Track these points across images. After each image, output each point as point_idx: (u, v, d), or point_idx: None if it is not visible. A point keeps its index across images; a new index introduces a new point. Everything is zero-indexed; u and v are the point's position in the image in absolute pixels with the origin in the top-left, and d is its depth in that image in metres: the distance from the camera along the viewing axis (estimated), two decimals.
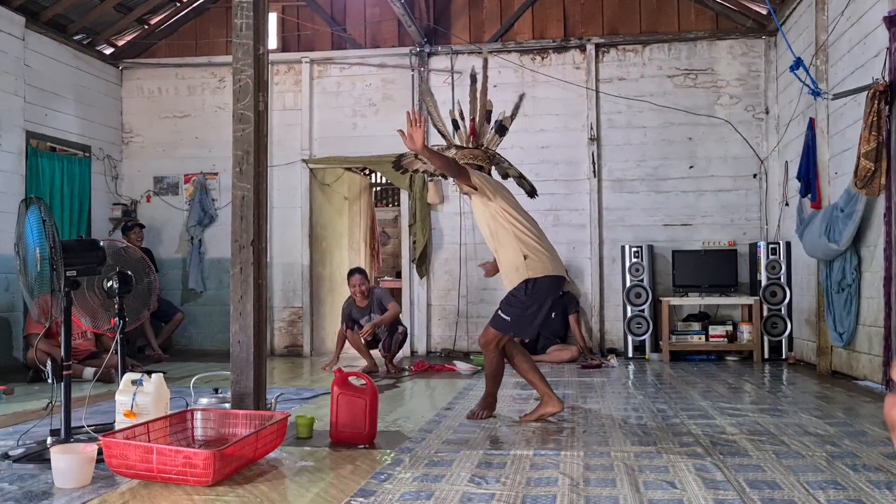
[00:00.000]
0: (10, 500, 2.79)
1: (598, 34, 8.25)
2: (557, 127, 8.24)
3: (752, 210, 7.96)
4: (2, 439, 3.90)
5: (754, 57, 8.00)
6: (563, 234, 8.15)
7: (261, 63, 3.77)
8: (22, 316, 7.08)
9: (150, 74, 8.94)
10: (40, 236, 3.43)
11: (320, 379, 6.42)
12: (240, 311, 3.75)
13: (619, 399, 5.11)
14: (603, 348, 8.02)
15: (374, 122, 8.47)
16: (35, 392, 5.69)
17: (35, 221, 3.45)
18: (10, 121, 7.18)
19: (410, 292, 8.44)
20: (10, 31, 7.19)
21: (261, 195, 3.79)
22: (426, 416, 4.53)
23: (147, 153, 8.91)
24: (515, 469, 3.17)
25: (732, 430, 3.97)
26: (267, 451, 3.35)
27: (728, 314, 7.81)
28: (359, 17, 8.73)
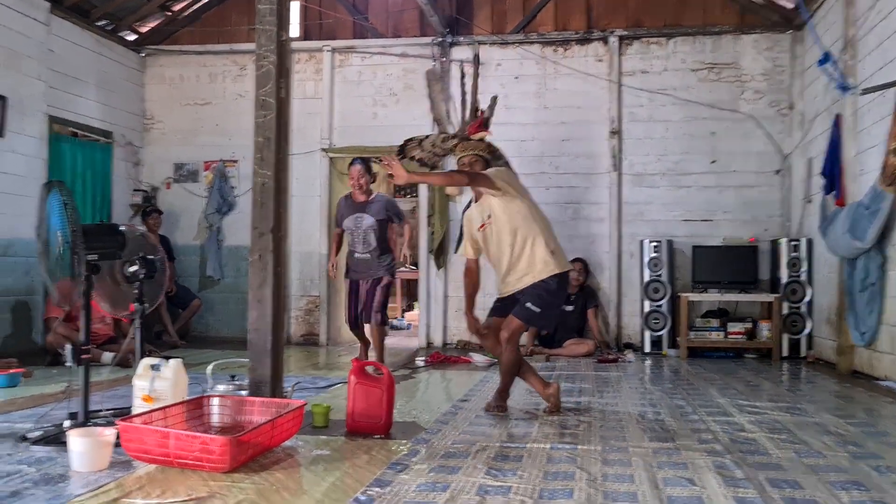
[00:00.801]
0: (28, 482, 2.80)
1: (621, 26, 8.17)
2: (578, 120, 8.18)
3: (773, 206, 7.87)
4: (20, 422, 3.93)
5: (780, 52, 7.89)
6: (581, 228, 8.11)
7: (283, 49, 3.76)
8: (42, 300, 7.13)
9: (173, 62, 8.96)
10: (62, 220, 3.44)
11: (337, 368, 6.43)
12: (258, 298, 3.75)
13: (635, 394, 5.08)
14: (620, 343, 7.97)
15: (395, 112, 8.45)
16: (53, 375, 5.73)
17: (56, 205, 3.46)
18: (33, 105, 7.22)
19: (427, 283, 8.43)
20: (35, 16, 7.22)
21: (281, 182, 3.78)
22: (442, 407, 4.52)
23: (168, 140, 8.94)
24: (532, 462, 3.15)
25: (752, 427, 3.92)
26: (283, 439, 3.34)
27: (747, 311, 7.73)
28: (381, 6, 8.70)
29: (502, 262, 4.37)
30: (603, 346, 7.62)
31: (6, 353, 6.44)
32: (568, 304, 7.71)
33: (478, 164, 4.37)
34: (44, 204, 3.56)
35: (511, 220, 4.31)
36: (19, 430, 3.66)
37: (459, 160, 4.42)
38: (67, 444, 3.02)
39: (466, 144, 4.41)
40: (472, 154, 4.38)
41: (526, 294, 4.33)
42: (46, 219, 3.53)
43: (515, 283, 4.36)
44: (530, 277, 4.32)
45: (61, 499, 2.61)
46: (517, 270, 4.34)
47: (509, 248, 4.33)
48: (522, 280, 4.34)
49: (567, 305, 7.71)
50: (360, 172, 6.15)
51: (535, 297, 4.30)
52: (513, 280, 4.37)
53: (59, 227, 3.46)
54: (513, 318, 4.30)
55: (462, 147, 4.42)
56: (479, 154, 4.39)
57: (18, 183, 6.94)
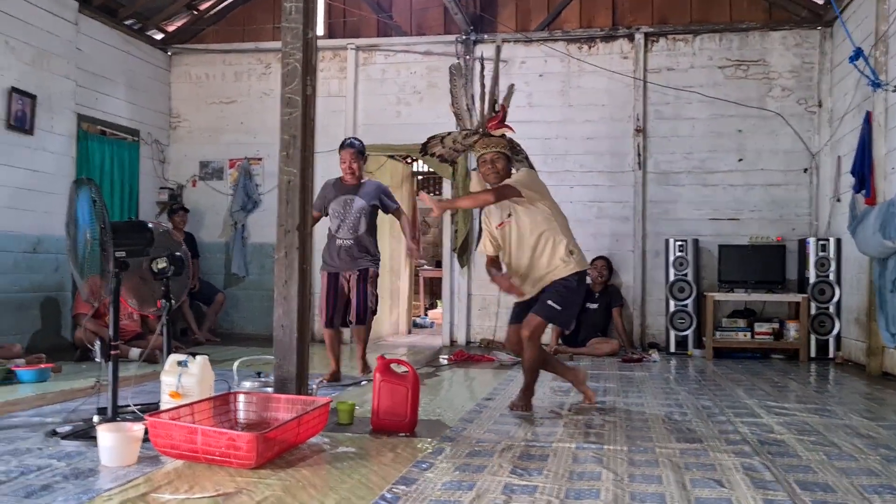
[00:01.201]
0: (58, 476, 2.83)
1: (647, 23, 8.11)
2: (603, 117, 8.13)
3: (801, 205, 7.78)
4: (50, 416, 3.98)
5: (808, 48, 7.79)
6: (605, 227, 8.07)
7: (309, 47, 3.76)
8: (70, 296, 7.22)
9: (198, 60, 9.03)
10: (91, 217, 3.47)
11: None
12: (284, 295, 3.76)
13: (661, 394, 5.03)
14: (644, 343, 7.92)
15: (419, 111, 8.45)
16: (82, 371, 5.81)
17: (86, 202, 3.50)
18: (62, 104, 7.31)
19: (451, 282, 8.42)
20: (64, 16, 7.31)
21: (307, 180, 3.79)
22: (466, 406, 4.51)
23: (193, 138, 9.01)
24: (558, 462, 3.13)
25: (780, 429, 3.88)
26: (308, 436, 3.35)
27: (774, 311, 7.64)
28: (405, 4, 8.70)
29: (522, 261, 4.36)
30: (627, 345, 7.58)
31: (35, 348, 6.53)
32: (592, 303, 7.68)
33: (500, 160, 4.34)
34: (73, 201, 3.60)
35: (534, 222, 4.31)
36: (49, 425, 3.71)
37: (480, 157, 4.38)
38: (97, 439, 3.05)
39: (487, 141, 4.38)
40: (494, 151, 4.34)
41: (547, 292, 4.32)
42: (75, 216, 3.57)
43: (536, 283, 4.36)
44: (551, 276, 4.32)
45: (91, 493, 2.64)
46: (538, 269, 4.34)
47: (531, 249, 4.33)
48: (543, 279, 4.34)
49: (591, 304, 7.68)
50: (352, 156, 5.54)
51: (556, 294, 4.29)
52: (533, 280, 4.37)
53: (88, 224, 3.49)
54: (534, 315, 4.29)
55: (483, 143, 4.38)
56: (501, 151, 4.36)
57: (47, 180, 7.02)
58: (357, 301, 5.46)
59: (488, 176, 4.36)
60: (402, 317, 10.12)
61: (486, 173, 4.37)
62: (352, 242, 5.46)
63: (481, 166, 4.39)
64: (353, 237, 5.47)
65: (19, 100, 6.74)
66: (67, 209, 3.66)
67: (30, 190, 6.87)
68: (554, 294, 4.29)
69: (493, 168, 4.34)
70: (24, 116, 6.82)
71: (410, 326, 10.42)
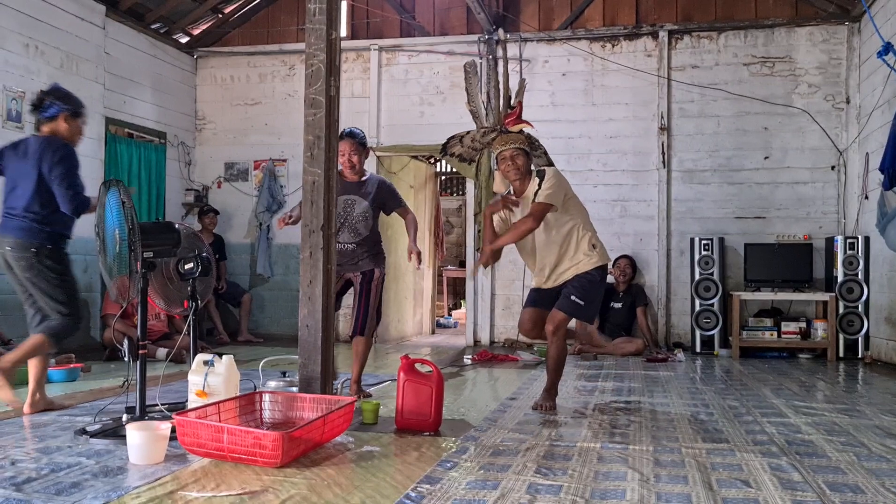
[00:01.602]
0: (88, 474, 2.87)
1: (671, 20, 8.06)
2: (626, 116, 8.09)
3: (829, 203, 7.68)
4: (80, 415, 4.04)
5: (836, 44, 7.69)
6: (629, 226, 8.03)
7: (333, 48, 3.78)
8: (99, 297, 7.32)
9: (223, 63, 9.11)
10: (119, 218, 3.51)
11: (385, 366, 6.46)
12: (308, 295, 3.79)
13: (686, 394, 5.00)
14: (669, 342, 7.86)
15: (442, 111, 8.46)
16: (111, 370, 5.88)
17: (115, 203, 3.54)
18: (91, 107, 7.35)
19: (474, 281, 8.42)
20: (92, 20, 7.41)
21: (331, 180, 3.81)
22: (490, 405, 4.51)
23: (218, 140, 9.09)
24: (582, 462, 3.12)
25: (808, 429, 3.83)
26: (333, 436, 3.37)
27: (801, 310, 7.56)
28: (428, 4, 8.72)
29: (548, 256, 4.36)
30: (652, 345, 7.53)
31: (65, 348, 6.61)
32: (616, 302, 7.65)
33: (519, 157, 4.32)
34: (102, 202, 3.65)
35: (559, 219, 4.31)
36: (79, 424, 3.77)
37: (500, 154, 4.35)
38: (125, 438, 3.09)
39: (505, 138, 4.35)
40: (513, 148, 4.32)
41: (570, 286, 4.33)
42: (105, 217, 3.61)
43: (559, 277, 4.37)
44: (574, 270, 4.33)
45: (120, 490, 2.67)
46: (562, 263, 4.35)
47: (557, 245, 4.33)
48: (566, 273, 4.35)
49: (615, 303, 7.65)
50: (352, 147, 4.77)
51: (580, 289, 4.30)
52: (556, 275, 4.37)
53: (117, 224, 3.54)
54: (557, 311, 4.30)
55: (501, 140, 4.35)
56: (520, 147, 4.33)
57: None
58: (358, 308, 4.79)
59: (508, 173, 4.35)
60: (425, 317, 10.13)
61: (505, 170, 4.36)
62: (354, 246, 4.78)
63: (500, 163, 4.37)
64: (356, 242, 4.78)
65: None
66: (97, 210, 3.71)
67: None
68: (577, 289, 4.29)
69: (512, 165, 4.32)
70: None
71: (434, 327, 10.44)
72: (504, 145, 4.33)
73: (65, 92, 4.37)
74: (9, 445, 3.33)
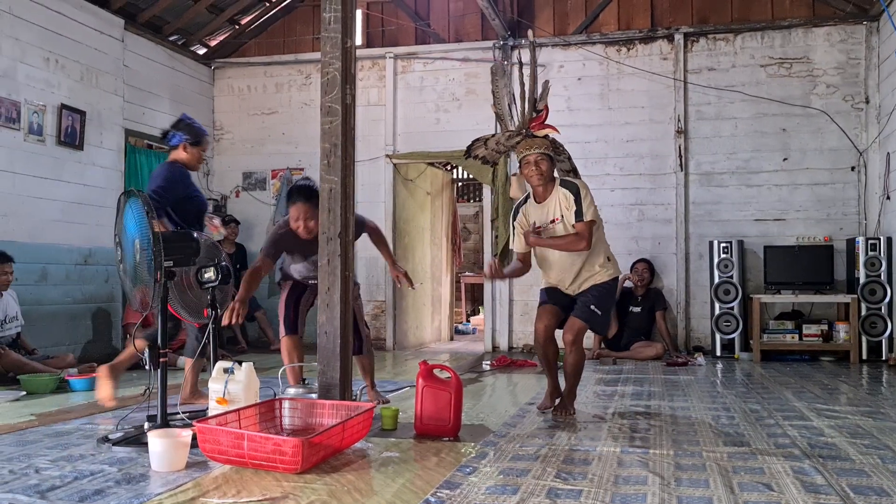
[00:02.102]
0: (111, 482, 2.90)
1: (686, 23, 8.04)
2: (643, 119, 8.06)
3: (849, 204, 7.61)
4: (102, 424, 4.09)
5: (854, 44, 7.63)
6: (647, 230, 7.99)
7: (348, 56, 3.81)
8: (121, 306, 7.39)
9: (240, 73, 9.19)
10: (141, 227, 3.55)
11: (404, 372, 6.47)
12: (327, 302, 3.81)
13: (707, 398, 4.96)
14: (689, 346, 7.81)
15: (457, 117, 8.48)
16: (133, 379, 5.93)
17: (135, 212, 3.58)
18: (111, 119, 7.50)
19: (493, 287, 8.42)
20: (111, 34, 7.51)
21: (348, 188, 3.83)
22: (509, 410, 4.51)
23: (236, 149, 9.16)
24: (602, 466, 3.11)
25: (831, 432, 3.80)
26: (353, 442, 3.38)
27: (823, 313, 7.49)
28: (442, 11, 8.75)
29: (567, 266, 4.35)
30: (672, 349, 7.48)
31: (88, 358, 6.69)
32: (635, 306, 7.62)
33: (543, 162, 4.29)
34: (122, 212, 3.68)
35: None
36: (102, 432, 3.81)
37: (524, 158, 4.32)
38: (147, 445, 3.12)
39: (530, 142, 4.33)
40: (538, 152, 4.29)
41: (588, 295, 4.34)
42: (125, 226, 3.65)
43: (581, 284, 4.38)
44: (590, 281, 4.36)
45: (142, 497, 2.69)
46: (581, 276, 4.37)
47: (580, 258, 4.32)
48: (583, 284, 4.37)
49: (634, 307, 7.61)
50: (307, 212, 4.29)
51: (598, 298, 4.32)
52: (575, 286, 4.39)
53: (137, 234, 3.57)
54: (576, 319, 4.30)
55: (526, 144, 4.32)
56: (544, 152, 4.31)
57: (97, 194, 7.21)
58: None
59: (531, 177, 4.33)
60: (444, 323, 10.14)
61: (528, 175, 4.33)
62: None
63: (524, 168, 4.34)
64: None
65: (69, 116, 6.94)
66: (116, 220, 3.75)
67: (80, 204, 7.06)
68: (595, 298, 4.31)
69: (536, 169, 4.29)
70: (74, 132, 7.01)
71: (452, 333, 10.44)
72: (529, 149, 4.30)
73: (187, 123, 4.89)
74: (33, 453, 3.37)
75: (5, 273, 5.76)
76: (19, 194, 6.47)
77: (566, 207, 4.26)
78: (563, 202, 4.27)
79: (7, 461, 3.23)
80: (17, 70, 6.45)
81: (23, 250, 6.38)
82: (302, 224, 4.34)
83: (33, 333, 6.30)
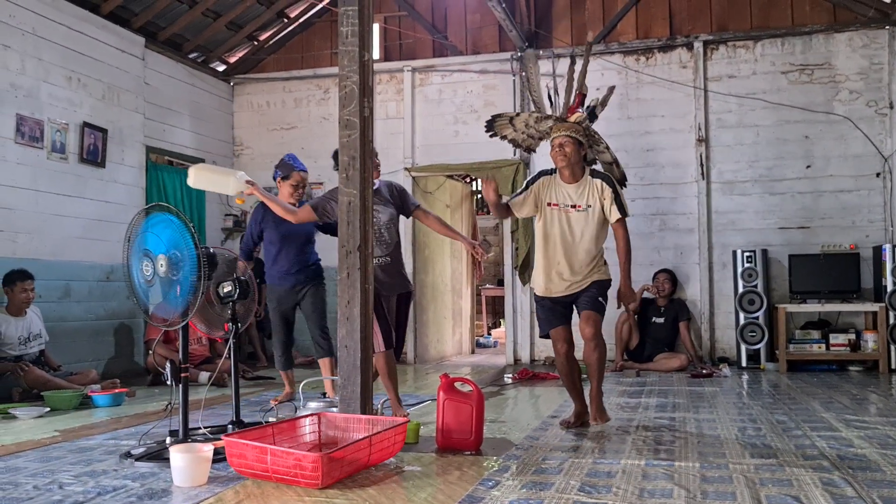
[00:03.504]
0: (133, 497, 2.90)
1: (705, 31, 7.99)
2: (663, 128, 8.01)
3: (875, 211, 7.50)
4: (124, 439, 4.09)
5: (876, 49, 7.55)
6: (669, 239, 7.93)
7: (366, 69, 3.81)
8: (143, 322, 7.43)
9: (259, 89, 9.25)
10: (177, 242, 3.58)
11: (425, 386, 6.44)
12: (347, 315, 3.79)
13: (733, 409, 4.89)
14: (713, 357, 7.72)
15: (476, 129, 8.45)
16: (155, 395, 5.96)
17: (165, 228, 3.61)
18: (132, 136, 7.58)
19: (513, 300, 8.38)
20: (132, 52, 7.60)
21: (367, 200, 3.82)
22: (532, 423, 4.46)
23: (256, 165, 9.19)
24: (627, 479, 3.06)
25: (861, 443, 3.72)
26: (384, 457, 3.33)
27: (850, 322, 7.37)
28: (459, 23, 8.77)
29: (575, 258, 4.28)
30: (696, 360, 7.39)
31: (110, 374, 6.73)
32: (658, 317, 7.54)
33: (568, 145, 4.20)
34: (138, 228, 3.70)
35: (600, 226, 4.32)
36: (124, 447, 3.81)
37: (551, 140, 4.29)
38: (169, 460, 3.11)
39: (561, 125, 4.29)
40: (564, 135, 4.22)
41: (592, 288, 4.31)
42: (145, 242, 3.67)
43: (576, 284, 4.32)
44: (589, 278, 4.31)
45: None
46: (584, 268, 4.31)
47: (585, 251, 4.29)
48: (584, 281, 4.31)
49: (657, 318, 7.54)
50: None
51: (601, 288, 4.32)
52: (576, 280, 4.31)
53: (166, 249, 3.59)
54: (590, 312, 4.28)
55: (556, 127, 4.29)
56: (572, 135, 4.22)
57: (119, 211, 7.26)
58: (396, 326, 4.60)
59: (556, 158, 4.26)
60: (465, 336, 10.10)
61: (553, 156, 4.28)
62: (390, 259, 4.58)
63: (551, 150, 4.30)
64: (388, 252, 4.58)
65: (91, 134, 7.02)
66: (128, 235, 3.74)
67: (102, 221, 7.12)
68: (599, 289, 4.32)
69: (561, 152, 4.22)
70: (96, 150, 7.09)
71: (474, 346, 10.40)
72: (557, 132, 4.27)
73: (282, 161, 5.56)
74: (57, 469, 3.38)
75: (25, 290, 5.81)
76: (42, 212, 6.54)
77: (603, 198, 4.24)
78: (599, 192, 4.25)
79: (31, 477, 3.24)
80: (40, 89, 6.54)
81: (46, 268, 6.45)
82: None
83: (57, 350, 6.34)
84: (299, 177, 5.48)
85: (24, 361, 5.70)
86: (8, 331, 5.73)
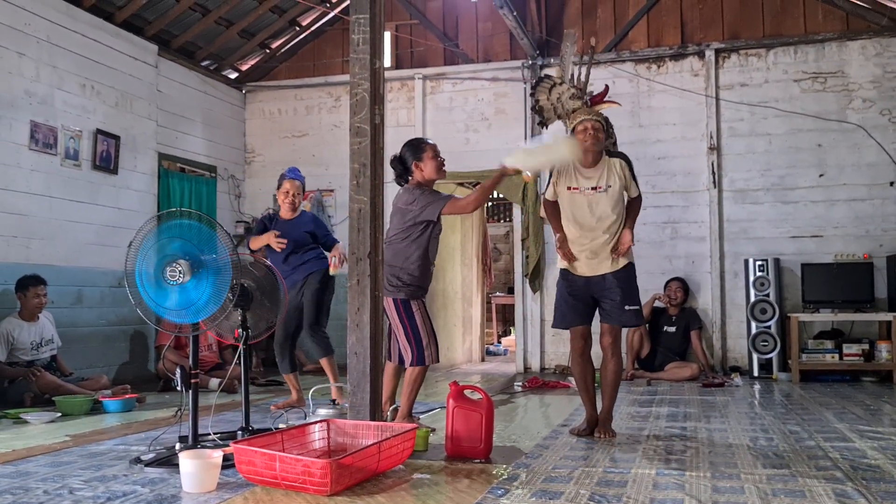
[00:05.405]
0: (143, 502, 2.90)
1: (717, 39, 7.97)
2: (675, 137, 7.99)
3: (889, 220, 7.45)
4: (134, 445, 4.10)
5: (890, 57, 7.51)
6: (680, 248, 7.89)
7: (377, 77, 3.82)
8: (153, 328, 7.45)
9: (271, 96, 9.29)
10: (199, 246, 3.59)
11: (435, 393, 6.43)
12: (357, 322, 3.79)
13: (745, 419, 4.85)
14: (725, 366, 7.67)
15: (487, 137, 8.48)
16: (165, 401, 5.97)
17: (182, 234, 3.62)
18: (145, 144, 7.63)
19: (524, 308, 8.36)
20: (145, 60, 7.65)
21: (377, 207, 3.83)
22: (542, 432, 4.44)
23: (267, 172, 9.24)
24: (637, 489, 3.04)
25: (875, 454, 3.68)
26: (393, 464, 3.33)
27: (864, 332, 7.31)
28: (471, 31, 8.78)
29: (598, 237, 4.29)
30: (708, 369, 7.34)
31: (121, 379, 6.76)
32: (669, 326, 7.50)
33: (601, 132, 4.34)
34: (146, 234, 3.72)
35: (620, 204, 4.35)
36: (134, 453, 3.82)
37: (581, 123, 4.35)
38: (179, 466, 3.12)
39: (590, 110, 4.40)
40: (595, 119, 4.34)
41: (617, 293, 4.27)
42: (157, 249, 3.68)
43: (602, 263, 4.30)
44: (614, 263, 4.28)
45: None
46: (605, 249, 4.29)
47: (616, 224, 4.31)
48: (607, 261, 4.29)
49: (668, 327, 7.50)
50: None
51: (629, 292, 4.29)
52: (600, 257, 4.30)
53: (182, 253, 3.60)
54: (610, 327, 4.30)
55: (586, 111, 4.38)
56: (602, 121, 4.37)
57: (131, 217, 7.29)
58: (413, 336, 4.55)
59: (586, 141, 4.30)
60: (475, 344, 10.08)
61: (584, 139, 4.31)
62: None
63: (580, 133, 4.33)
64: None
65: (104, 141, 7.07)
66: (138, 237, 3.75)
67: (114, 227, 7.15)
68: (626, 293, 4.27)
69: (593, 135, 4.31)
70: (109, 157, 7.14)
71: (484, 354, 10.37)
72: (588, 115, 4.36)
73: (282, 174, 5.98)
74: (67, 474, 3.39)
75: (38, 296, 5.84)
76: (56, 218, 6.58)
77: (621, 176, 4.33)
78: (618, 170, 4.33)
79: (42, 481, 3.25)
80: (54, 97, 6.59)
81: (59, 273, 6.48)
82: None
83: (69, 355, 6.37)
84: (288, 185, 5.80)
85: (37, 366, 5.73)
86: (21, 336, 5.76)
